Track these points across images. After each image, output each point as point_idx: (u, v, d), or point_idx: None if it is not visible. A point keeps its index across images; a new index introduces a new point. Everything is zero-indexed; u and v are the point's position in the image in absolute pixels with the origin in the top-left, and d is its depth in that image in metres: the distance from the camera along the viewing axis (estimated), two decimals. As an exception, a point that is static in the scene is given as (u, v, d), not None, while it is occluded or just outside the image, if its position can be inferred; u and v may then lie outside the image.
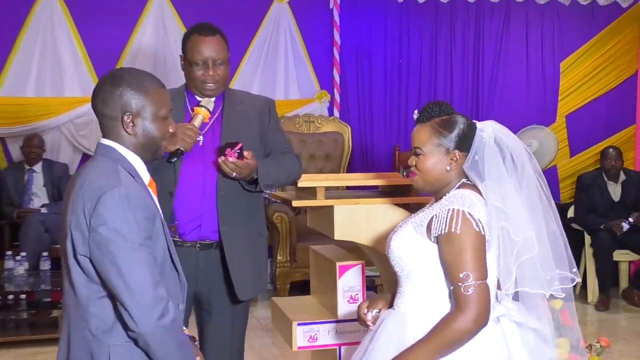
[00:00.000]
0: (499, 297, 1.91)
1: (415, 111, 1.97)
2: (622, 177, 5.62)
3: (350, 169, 5.97)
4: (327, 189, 2.55)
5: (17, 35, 5.37)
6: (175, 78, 5.58)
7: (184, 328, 1.85)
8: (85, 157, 5.40)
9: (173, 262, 1.76)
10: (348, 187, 3.03)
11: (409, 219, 1.94)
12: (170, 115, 1.81)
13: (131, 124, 1.71)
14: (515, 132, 2.01)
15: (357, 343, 2.13)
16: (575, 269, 1.90)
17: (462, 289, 1.74)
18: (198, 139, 2.41)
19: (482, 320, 1.75)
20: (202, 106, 2.43)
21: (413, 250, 1.86)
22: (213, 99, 2.49)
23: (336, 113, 6.04)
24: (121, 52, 5.54)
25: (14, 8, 5.36)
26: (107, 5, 5.52)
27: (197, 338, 2.22)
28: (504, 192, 1.84)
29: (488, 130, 1.89)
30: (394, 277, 1.97)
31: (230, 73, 2.61)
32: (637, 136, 6.43)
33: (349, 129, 5.95)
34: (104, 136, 1.76)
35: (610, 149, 5.67)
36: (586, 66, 6.41)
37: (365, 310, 2.01)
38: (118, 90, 1.70)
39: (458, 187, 1.88)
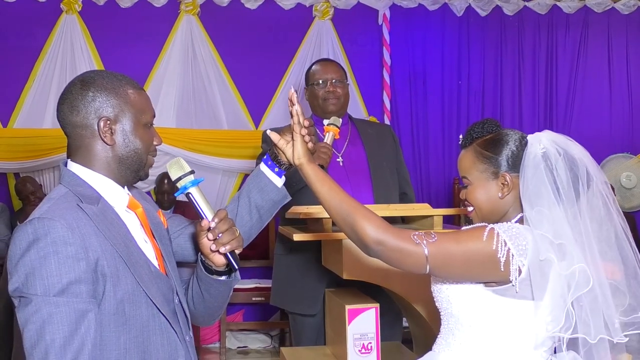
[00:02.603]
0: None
1: (460, 136, 1.78)
2: None
3: (403, 205, 5.27)
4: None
5: (34, 63, 5.04)
6: (205, 106, 5.29)
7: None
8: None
9: (151, 299, 1.47)
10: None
11: None
12: (153, 123, 1.57)
13: (109, 132, 1.49)
14: (598, 163, 1.65)
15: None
16: None
17: (416, 233, 1.57)
18: (337, 159, 2.76)
19: (382, 249, 1.57)
20: (331, 124, 2.56)
21: (464, 295, 1.65)
22: (340, 119, 2.65)
23: (386, 142, 5.39)
24: (146, 78, 5.14)
25: (31, 34, 5.06)
26: (131, 29, 5.15)
27: None
28: (553, 218, 1.59)
29: (536, 143, 1.65)
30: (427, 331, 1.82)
31: (349, 97, 2.96)
32: None
33: (401, 160, 5.27)
34: (70, 156, 1.52)
35: None
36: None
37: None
38: (90, 93, 1.49)
39: (518, 222, 1.65)
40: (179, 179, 1.56)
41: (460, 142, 1.77)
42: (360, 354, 2.31)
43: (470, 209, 1.74)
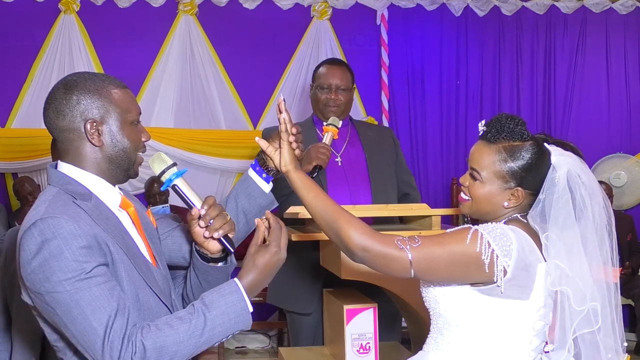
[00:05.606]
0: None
1: (482, 122, 1.72)
2: None
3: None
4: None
5: (32, 63, 5.03)
6: (203, 106, 5.29)
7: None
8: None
9: (152, 288, 1.51)
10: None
11: None
12: (140, 120, 1.57)
13: (96, 134, 1.50)
14: (593, 163, 1.53)
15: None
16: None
17: (400, 238, 1.58)
18: (336, 160, 2.77)
19: (367, 255, 1.60)
20: (330, 124, 2.57)
21: (451, 295, 1.65)
22: (340, 120, 2.66)
23: (385, 142, 5.37)
24: (144, 78, 5.13)
25: (29, 34, 5.05)
26: (129, 29, 5.14)
27: None
28: (569, 247, 1.60)
29: (562, 168, 1.64)
30: (426, 331, 1.79)
31: (352, 101, 2.94)
32: None
33: (399, 160, 5.26)
34: (60, 157, 1.53)
35: None
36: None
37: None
38: (74, 96, 1.48)
39: (505, 222, 1.67)
40: (163, 172, 1.57)
41: (481, 132, 1.70)
42: (359, 354, 2.31)
43: (466, 197, 1.73)
